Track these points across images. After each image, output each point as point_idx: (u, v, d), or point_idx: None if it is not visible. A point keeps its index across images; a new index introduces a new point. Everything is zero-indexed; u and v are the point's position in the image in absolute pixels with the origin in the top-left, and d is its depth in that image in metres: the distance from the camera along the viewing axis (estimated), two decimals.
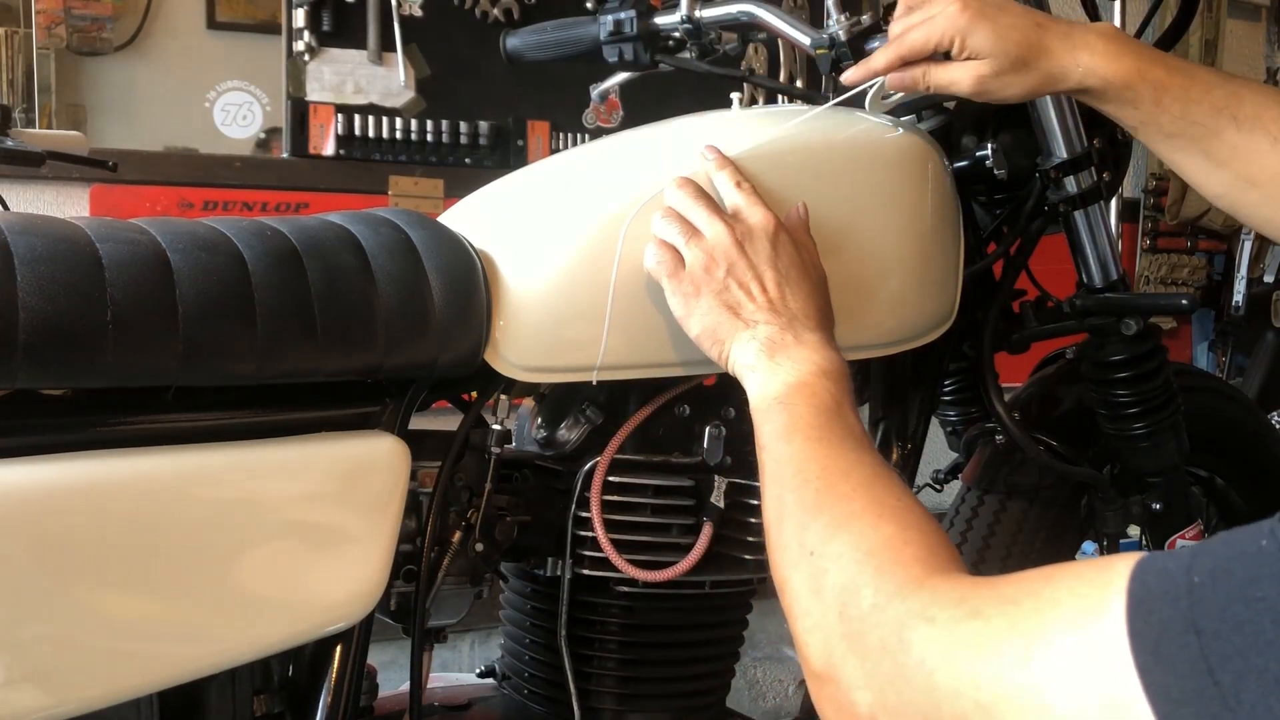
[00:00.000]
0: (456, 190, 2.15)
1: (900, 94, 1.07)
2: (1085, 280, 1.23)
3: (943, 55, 0.98)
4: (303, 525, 0.91)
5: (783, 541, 0.78)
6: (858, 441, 0.83)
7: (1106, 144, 1.20)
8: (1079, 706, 0.53)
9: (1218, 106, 0.95)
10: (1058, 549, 1.34)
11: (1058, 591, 0.57)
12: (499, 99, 2.67)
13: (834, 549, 0.72)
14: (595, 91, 1.47)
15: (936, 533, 0.73)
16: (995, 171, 1.14)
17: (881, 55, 1.01)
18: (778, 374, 0.88)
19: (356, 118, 2.56)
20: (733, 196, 0.98)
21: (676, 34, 1.29)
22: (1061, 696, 0.54)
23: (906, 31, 0.99)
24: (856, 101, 1.18)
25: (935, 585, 0.65)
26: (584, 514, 1.07)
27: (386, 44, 2.57)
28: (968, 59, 0.97)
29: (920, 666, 0.61)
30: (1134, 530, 1.41)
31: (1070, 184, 1.17)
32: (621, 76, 1.41)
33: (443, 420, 1.05)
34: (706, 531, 1.08)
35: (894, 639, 0.64)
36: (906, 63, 1.00)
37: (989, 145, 1.15)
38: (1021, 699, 0.55)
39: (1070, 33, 0.97)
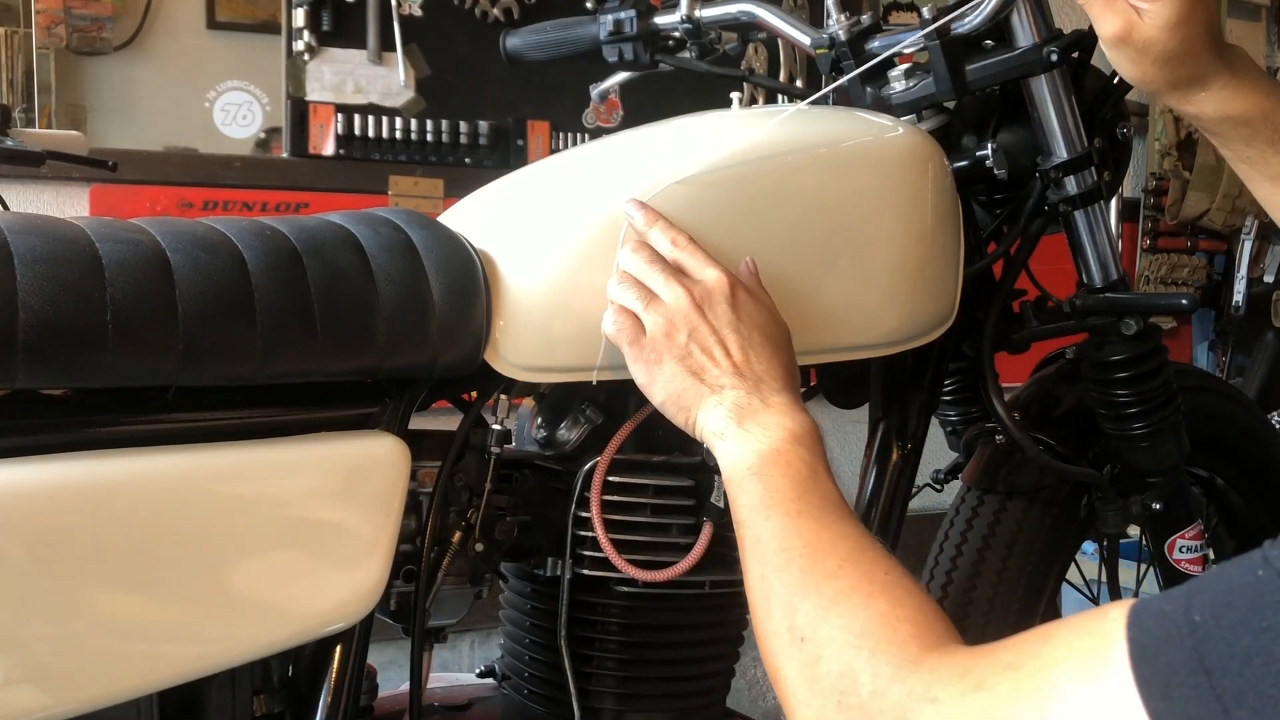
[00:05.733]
0: (456, 190, 2.15)
1: None
2: (1085, 280, 1.23)
3: None
4: (303, 525, 0.91)
5: (771, 627, 0.75)
6: (837, 510, 0.81)
7: (1106, 144, 1.20)
8: None
9: None
10: (1058, 549, 1.34)
11: (1057, 650, 0.56)
12: (499, 99, 2.67)
13: (825, 633, 0.70)
14: (595, 91, 1.47)
15: (927, 603, 0.71)
16: (995, 171, 1.14)
17: None
18: (748, 442, 0.87)
19: (356, 118, 2.56)
20: (674, 254, 0.96)
21: (676, 34, 1.29)
22: None
23: None
24: (859, 101, 1.18)
25: (934, 663, 0.63)
26: (584, 514, 1.07)
27: (386, 44, 2.57)
28: (1145, 9, 0.88)
29: None
30: (1134, 530, 1.41)
31: (1070, 184, 1.17)
32: (621, 76, 1.41)
33: (443, 420, 1.05)
34: (706, 531, 1.08)
35: None
36: None
37: (989, 145, 1.15)
38: None
39: (1223, 54, 0.91)
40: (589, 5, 2.53)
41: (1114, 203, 2.65)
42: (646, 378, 0.94)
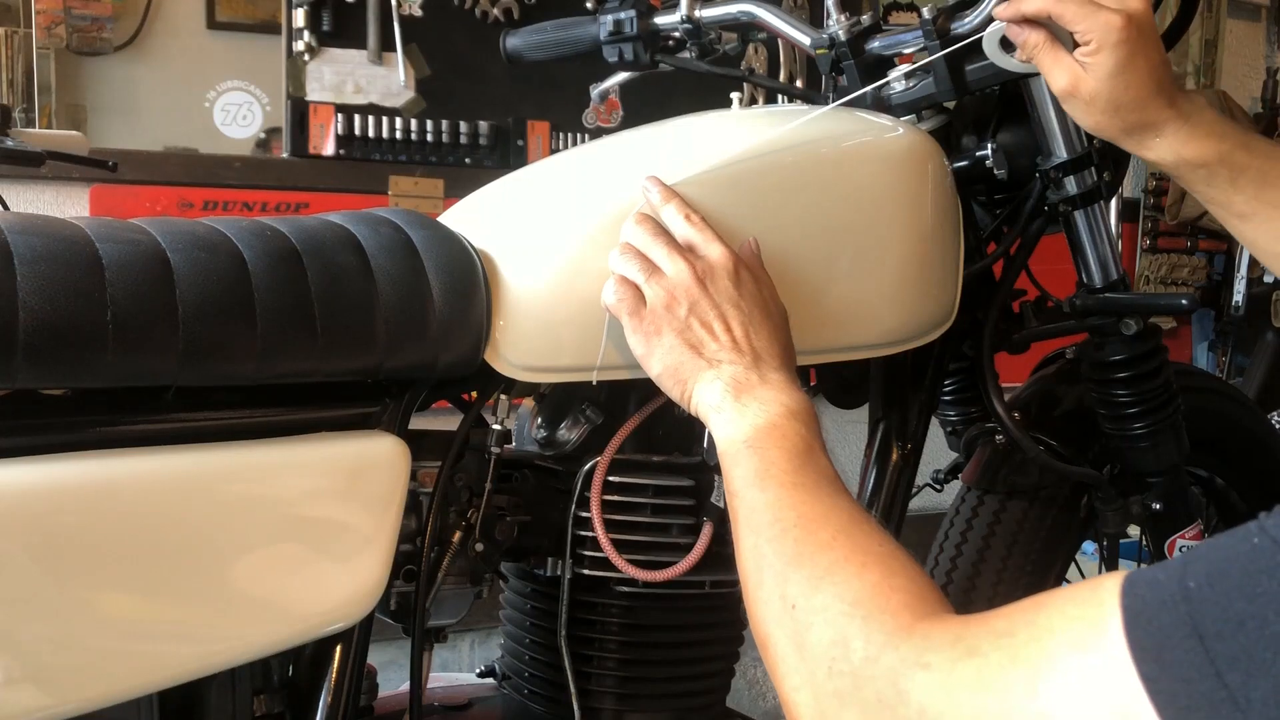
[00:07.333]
0: (456, 190, 2.15)
1: (1019, 61, 1.01)
2: (1085, 280, 1.23)
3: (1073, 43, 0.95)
4: (303, 525, 0.91)
5: (762, 595, 0.75)
6: (832, 485, 0.81)
7: (1106, 144, 1.20)
8: None
9: None
10: (1058, 549, 1.34)
11: (1052, 618, 0.56)
12: (499, 99, 2.67)
13: (818, 601, 0.70)
14: (595, 91, 1.47)
15: (921, 575, 0.71)
16: (995, 171, 1.14)
17: (1034, 1, 0.95)
18: (745, 415, 0.87)
19: (356, 118, 2.56)
20: (685, 231, 0.96)
21: (676, 34, 1.29)
22: None
23: None
24: (859, 102, 1.18)
25: (926, 630, 0.63)
26: (584, 514, 1.07)
27: (386, 44, 2.57)
28: (1088, 63, 0.93)
29: (922, 716, 0.60)
30: (1134, 530, 1.41)
31: (1070, 184, 1.17)
32: (621, 76, 1.41)
33: (443, 420, 1.05)
34: (706, 531, 1.08)
35: (891, 691, 0.62)
36: (1044, 25, 0.95)
37: (989, 145, 1.15)
38: None
39: (1173, 101, 0.95)
40: (589, 5, 2.53)
41: (1114, 203, 2.65)
42: (644, 349, 0.94)
